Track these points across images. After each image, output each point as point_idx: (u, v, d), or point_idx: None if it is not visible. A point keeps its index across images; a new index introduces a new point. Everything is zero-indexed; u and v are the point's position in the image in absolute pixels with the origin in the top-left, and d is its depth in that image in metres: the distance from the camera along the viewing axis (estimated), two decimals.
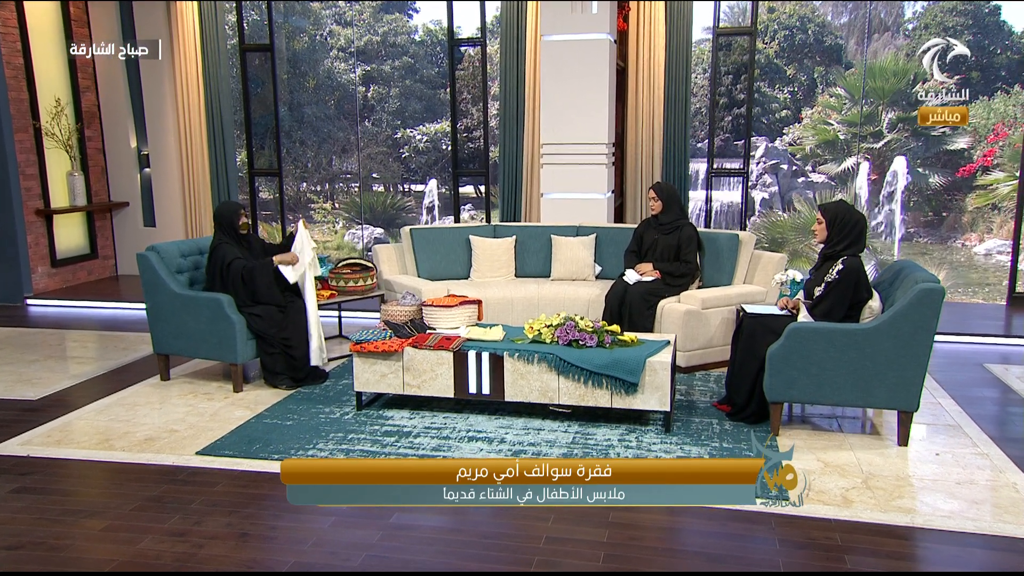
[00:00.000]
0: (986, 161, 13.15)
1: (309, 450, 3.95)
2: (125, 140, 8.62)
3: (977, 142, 13.27)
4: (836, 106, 13.98)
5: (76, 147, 8.13)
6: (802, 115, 14.46)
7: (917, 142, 13.54)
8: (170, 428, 4.28)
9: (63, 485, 3.64)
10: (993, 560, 2.91)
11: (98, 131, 8.55)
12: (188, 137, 8.35)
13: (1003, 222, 13.09)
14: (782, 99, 14.69)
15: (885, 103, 13.58)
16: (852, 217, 4.15)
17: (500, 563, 2.90)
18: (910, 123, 13.53)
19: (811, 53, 14.85)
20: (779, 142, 14.54)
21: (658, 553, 2.99)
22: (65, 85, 8.11)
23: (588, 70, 6.51)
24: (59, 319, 7.06)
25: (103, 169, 8.63)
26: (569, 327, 4.28)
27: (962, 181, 13.33)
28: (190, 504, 3.38)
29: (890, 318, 3.78)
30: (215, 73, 8.20)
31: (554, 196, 6.77)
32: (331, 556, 2.96)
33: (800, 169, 14.65)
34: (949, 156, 13.56)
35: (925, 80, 13.53)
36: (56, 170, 7.98)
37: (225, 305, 4.78)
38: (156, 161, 8.58)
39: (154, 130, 8.51)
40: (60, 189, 8.06)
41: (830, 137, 13.98)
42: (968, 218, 13.41)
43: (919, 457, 3.82)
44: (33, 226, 7.71)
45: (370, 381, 4.45)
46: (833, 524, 3.17)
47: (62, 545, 3.04)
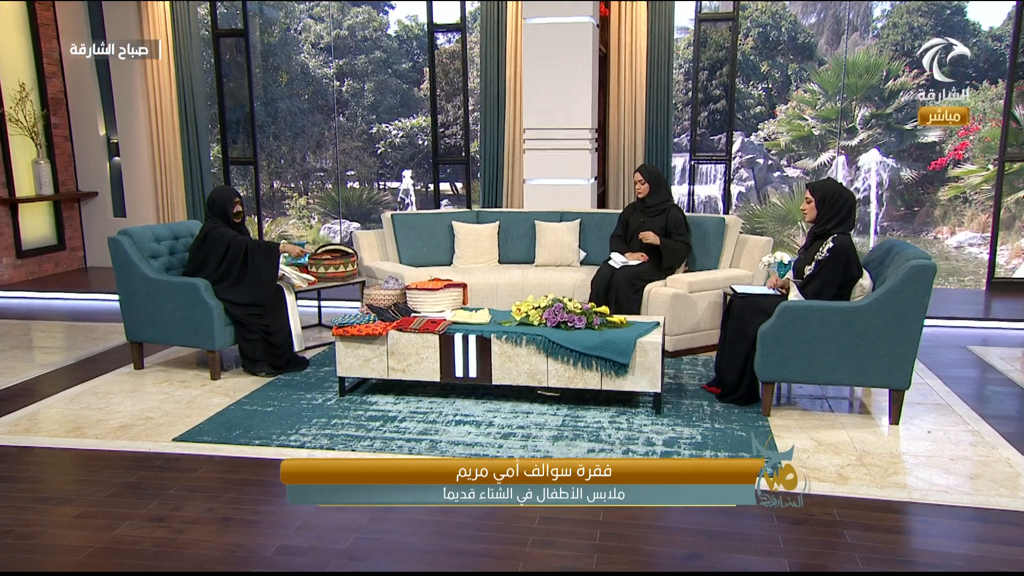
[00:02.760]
0: (957, 155, 13.34)
1: (291, 435, 3.82)
2: (93, 128, 8.38)
3: (948, 136, 13.46)
4: (811, 101, 14.09)
5: (42, 134, 7.89)
6: (776, 111, 14.57)
7: (890, 136, 13.71)
8: (145, 416, 4.13)
9: (32, 472, 3.48)
10: (991, 533, 2.89)
11: (65, 118, 8.30)
12: (159, 125, 8.14)
13: (974, 215, 13.29)
14: (756, 95, 14.78)
15: (859, 98, 13.72)
16: (842, 195, 4.12)
17: (493, 542, 2.82)
18: (883, 118, 13.70)
19: (784, 50, 14.98)
20: (754, 137, 14.62)
21: (655, 530, 2.92)
22: (29, 70, 7.86)
23: (571, 53, 6.44)
24: (25, 311, 6.83)
25: (70, 157, 8.39)
26: (557, 308, 4.20)
27: (934, 175, 13.51)
28: (168, 490, 3.24)
29: (882, 295, 3.75)
30: (187, 58, 8.00)
31: (537, 182, 6.69)
32: (318, 539, 2.84)
33: (776, 164, 14.76)
34: (921, 150, 13.73)
35: (897, 77, 13.74)
36: (21, 157, 7.73)
37: (201, 290, 4.64)
38: (126, 149, 8.35)
39: (124, 117, 8.28)
40: (25, 177, 7.81)
41: (805, 133, 14.08)
42: (940, 211, 13.59)
43: (911, 435, 3.80)
44: None
45: (353, 366, 4.33)
46: (830, 500, 3.12)
47: (33, 532, 2.90)
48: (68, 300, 7.21)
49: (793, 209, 12.18)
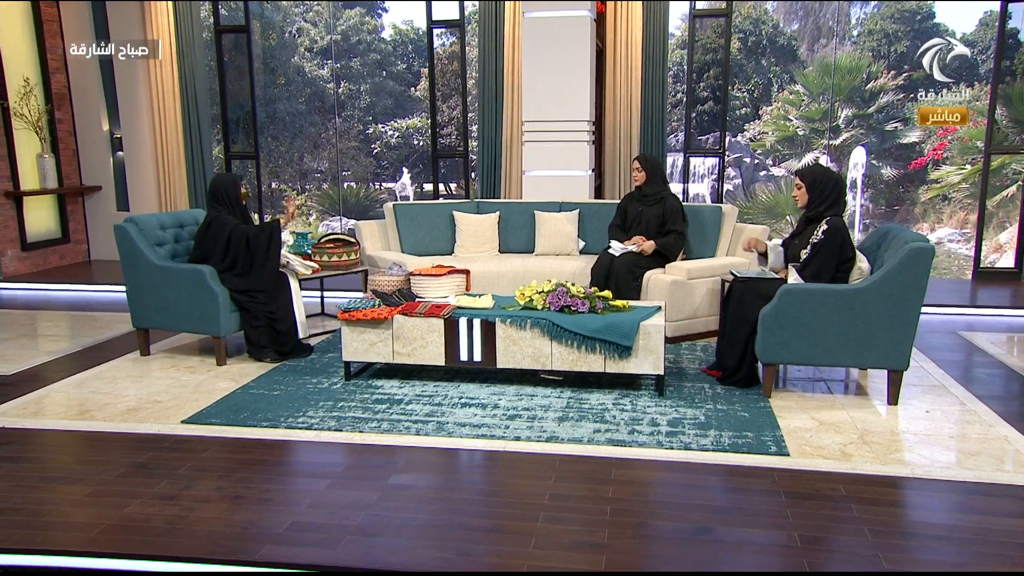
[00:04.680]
0: (936, 155, 13.37)
1: (299, 418, 3.73)
2: (97, 123, 8.25)
3: (927, 136, 13.50)
4: (795, 102, 14.10)
5: (46, 129, 7.76)
6: (761, 111, 14.58)
7: (872, 137, 13.74)
8: (153, 399, 4.03)
9: (41, 454, 3.38)
10: (995, 506, 2.83)
11: (69, 113, 8.17)
12: (162, 120, 8.02)
13: (952, 212, 13.34)
14: (741, 97, 14.78)
15: (842, 99, 13.73)
16: (831, 178, 4.08)
17: (504, 518, 2.74)
18: (865, 119, 13.73)
19: (766, 53, 15.01)
20: (740, 137, 14.63)
21: (664, 507, 2.86)
22: (34, 66, 7.73)
23: (569, 46, 6.38)
24: (30, 301, 6.70)
25: (74, 152, 8.25)
26: (561, 293, 4.13)
27: (914, 174, 13.54)
28: (178, 470, 3.15)
29: (881, 278, 3.70)
30: (190, 56, 7.89)
31: (536, 173, 6.62)
32: (330, 516, 2.76)
33: (762, 163, 14.76)
34: (901, 150, 13.76)
35: (878, 78, 13.78)
36: (26, 152, 7.60)
37: (207, 276, 4.54)
38: (129, 145, 8.23)
39: (127, 113, 8.16)
40: (30, 171, 7.68)
41: (790, 133, 14.09)
42: (920, 209, 13.61)
43: (909, 415, 3.75)
44: (2, 208, 7.33)
45: (359, 350, 4.25)
46: (835, 476, 3.07)
47: (44, 510, 2.80)
48: (72, 291, 7.09)
49: (781, 202, 12.18)
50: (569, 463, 3.22)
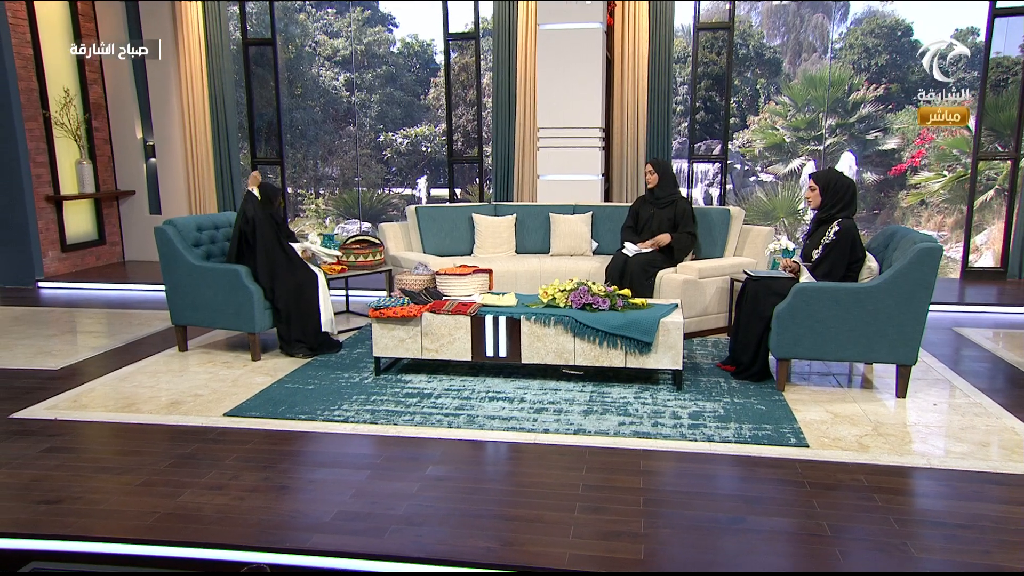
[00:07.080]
0: (914, 162, 13.31)
1: (335, 411, 3.65)
2: (131, 131, 8.15)
3: (906, 144, 13.46)
4: (782, 112, 14.04)
5: (84, 137, 7.66)
6: (749, 121, 14.52)
7: (854, 144, 13.68)
8: (194, 393, 3.94)
9: (94, 445, 3.30)
10: (1014, 496, 2.76)
11: (105, 122, 8.06)
12: (192, 128, 7.92)
13: (930, 216, 13.28)
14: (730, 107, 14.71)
15: (825, 110, 13.67)
16: (844, 182, 4.00)
17: (544, 508, 2.66)
18: (847, 128, 13.69)
19: (752, 65, 14.96)
20: (730, 145, 14.55)
21: (697, 496, 2.77)
22: (73, 77, 7.63)
23: (582, 57, 6.31)
24: (70, 300, 6.60)
25: (110, 158, 8.15)
26: (583, 291, 4.05)
27: (894, 179, 13.48)
28: (224, 460, 3.07)
29: (891, 276, 3.63)
30: (219, 67, 7.79)
31: (551, 178, 6.55)
32: (373, 506, 2.68)
33: (751, 169, 14.71)
34: (881, 156, 13.71)
35: (859, 90, 13.73)
36: (65, 158, 7.50)
37: (243, 276, 4.46)
38: (161, 151, 8.13)
39: (159, 122, 8.06)
40: (69, 177, 7.58)
41: (777, 140, 14.02)
42: (900, 213, 13.56)
43: (918, 407, 3.67)
44: (43, 212, 7.23)
45: (388, 346, 4.16)
46: (855, 467, 2.99)
47: (101, 499, 2.71)
48: (109, 290, 7.00)
49: (777, 205, 12.09)
50: (598, 455, 3.14)
